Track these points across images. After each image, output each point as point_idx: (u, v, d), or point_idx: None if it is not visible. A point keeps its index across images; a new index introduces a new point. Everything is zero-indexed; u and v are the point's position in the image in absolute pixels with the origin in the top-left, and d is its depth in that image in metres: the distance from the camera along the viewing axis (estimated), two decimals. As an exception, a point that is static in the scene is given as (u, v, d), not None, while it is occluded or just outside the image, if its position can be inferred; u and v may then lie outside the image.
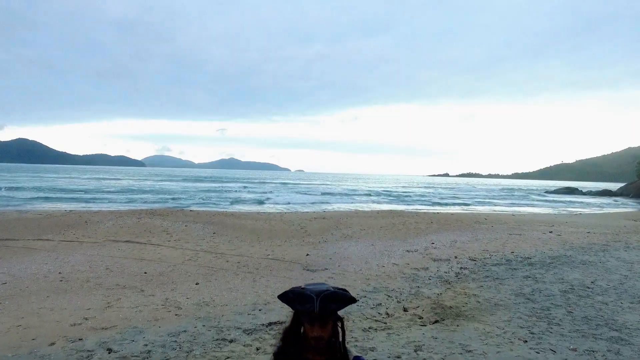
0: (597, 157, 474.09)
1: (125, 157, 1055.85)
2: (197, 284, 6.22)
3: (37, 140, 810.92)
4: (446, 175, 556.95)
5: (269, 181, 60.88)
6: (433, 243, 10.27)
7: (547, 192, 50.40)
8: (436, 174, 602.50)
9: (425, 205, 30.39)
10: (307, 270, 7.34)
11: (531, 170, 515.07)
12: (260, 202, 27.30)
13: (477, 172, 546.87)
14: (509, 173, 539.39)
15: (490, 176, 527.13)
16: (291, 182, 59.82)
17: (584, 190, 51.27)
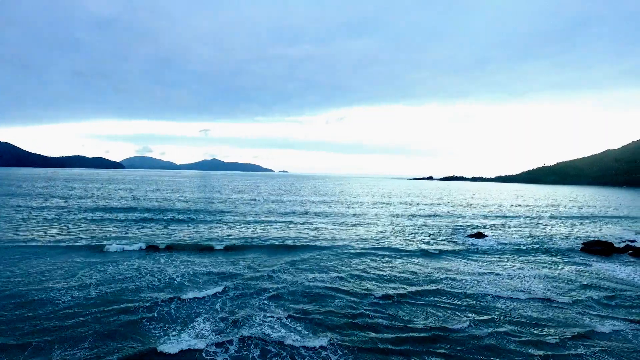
0: (577, 159, 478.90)
1: (104, 158, 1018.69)
2: None
3: (10, 142, 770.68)
4: (430, 178, 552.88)
5: (242, 236, 41.28)
6: None
7: (582, 250, 42.29)
8: (420, 177, 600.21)
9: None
10: None
11: (515, 173, 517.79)
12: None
13: (461, 175, 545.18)
14: (493, 176, 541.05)
15: (474, 179, 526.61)
16: (276, 240, 38.88)
17: (619, 245, 42.95)
